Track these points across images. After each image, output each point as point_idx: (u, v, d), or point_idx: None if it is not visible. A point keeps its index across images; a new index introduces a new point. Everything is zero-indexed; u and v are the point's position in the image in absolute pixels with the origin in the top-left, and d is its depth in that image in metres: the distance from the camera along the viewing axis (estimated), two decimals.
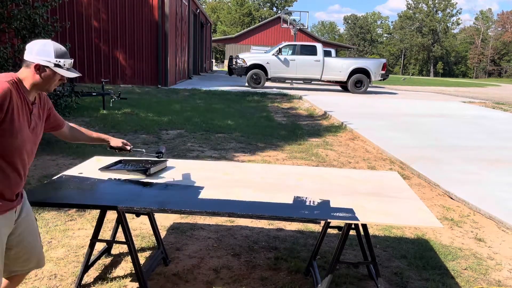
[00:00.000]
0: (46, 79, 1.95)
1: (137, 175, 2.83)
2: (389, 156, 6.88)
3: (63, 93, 6.96)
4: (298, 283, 2.94)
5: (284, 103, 14.21)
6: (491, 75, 75.24)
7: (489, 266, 3.38)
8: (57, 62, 1.94)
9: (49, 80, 1.97)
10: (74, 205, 2.33)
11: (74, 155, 5.95)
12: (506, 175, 5.85)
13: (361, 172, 3.37)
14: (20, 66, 2.15)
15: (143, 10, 16.33)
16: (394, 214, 2.36)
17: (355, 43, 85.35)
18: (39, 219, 3.79)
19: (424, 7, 79.11)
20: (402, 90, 23.24)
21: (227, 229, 3.85)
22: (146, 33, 16.46)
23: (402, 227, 3.98)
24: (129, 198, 2.47)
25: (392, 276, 3.12)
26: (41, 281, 2.83)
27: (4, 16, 6.50)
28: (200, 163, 3.49)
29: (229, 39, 45.28)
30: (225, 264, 3.18)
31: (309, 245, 3.56)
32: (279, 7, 72.36)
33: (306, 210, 2.38)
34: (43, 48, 1.93)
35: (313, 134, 8.74)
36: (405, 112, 12.72)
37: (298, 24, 29.66)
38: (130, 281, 2.89)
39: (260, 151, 6.87)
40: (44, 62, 1.92)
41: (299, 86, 21.24)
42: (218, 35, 62.75)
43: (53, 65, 1.94)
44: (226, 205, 2.43)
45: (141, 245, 3.42)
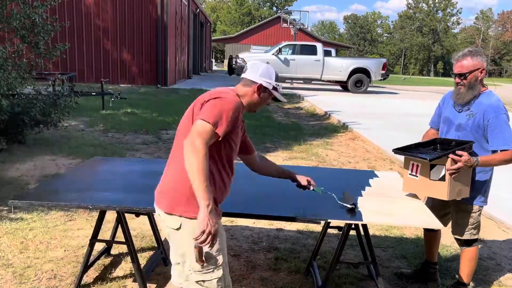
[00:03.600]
0: (262, 99, 2.07)
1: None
2: (389, 156, 6.88)
3: (63, 93, 6.95)
4: (298, 283, 2.94)
5: (284, 103, 14.20)
6: (492, 75, 75.22)
7: (489, 266, 3.38)
8: (276, 85, 2.09)
9: (264, 101, 2.09)
10: (74, 205, 2.33)
11: (73, 155, 5.94)
12: (507, 175, 5.84)
13: (361, 172, 3.37)
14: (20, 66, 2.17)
15: (143, 10, 16.33)
16: (394, 214, 2.36)
17: (355, 42, 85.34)
18: (39, 219, 3.79)
19: (424, 7, 79.13)
20: (402, 90, 23.24)
21: (227, 229, 3.84)
22: (146, 33, 16.46)
23: (402, 227, 3.97)
24: (129, 198, 2.46)
25: (392, 276, 3.11)
26: (41, 281, 2.83)
27: (3, 15, 6.49)
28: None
29: (229, 39, 45.28)
30: None
31: (309, 245, 3.55)
32: (279, 6, 72.35)
33: (306, 210, 2.37)
34: (267, 71, 2.08)
35: (313, 134, 8.74)
36: (406, 112, 12.71)
37: (298, 24, 29.65)
38: (130, 281, 2.88)
39: (260, 151, 6.86)
40: (267, 84, 2.05)
41: (299, 86, 21.24)
42: (218, 34, 62.73)
43: (271, 87, 2.07)
44: (226, 205, 2.42)
45: (141, 245, 3.41)
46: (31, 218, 3.80)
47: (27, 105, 6.20)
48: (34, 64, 7.43)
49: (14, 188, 4.51)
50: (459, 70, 2.55)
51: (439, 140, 2.71)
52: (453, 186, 2.44)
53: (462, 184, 2.48)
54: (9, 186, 4.57)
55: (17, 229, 3.57)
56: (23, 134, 6.34)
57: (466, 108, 2.61)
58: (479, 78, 2.54)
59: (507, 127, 2.49)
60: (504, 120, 2.50)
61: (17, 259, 3.09)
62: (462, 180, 2.47)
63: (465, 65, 2.52)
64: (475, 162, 2.44)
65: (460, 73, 2.55)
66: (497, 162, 2.51)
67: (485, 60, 2.56)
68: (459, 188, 2.48)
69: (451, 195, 2.46)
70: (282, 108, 13.11)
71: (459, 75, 2.56)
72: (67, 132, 7.34)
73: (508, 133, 2.48)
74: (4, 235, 3.45)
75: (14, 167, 5.26)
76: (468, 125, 2.58)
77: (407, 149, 2.66)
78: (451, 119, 2.70)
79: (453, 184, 2.43)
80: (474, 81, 2.53)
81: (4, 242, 3.33)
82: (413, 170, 2.58)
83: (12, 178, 4.83)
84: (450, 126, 2.70)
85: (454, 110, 2.69)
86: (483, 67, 2.53)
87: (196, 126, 1.81)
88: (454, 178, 2.42)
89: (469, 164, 2.41)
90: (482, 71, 2.53)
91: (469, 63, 2.52)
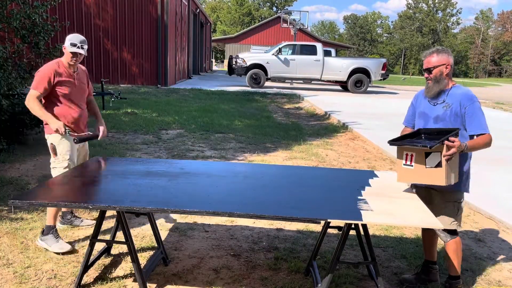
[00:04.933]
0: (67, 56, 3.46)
1: None
2: (389, 156, 6.88)
3: None
4: (298, 283, 2.94)
5: (284, 103, 14.21)
6: (491, 75, 75.24)
7: (489, 266, 3.38)
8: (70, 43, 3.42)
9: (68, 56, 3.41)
10: (74, 205, 2.33)
11: None
12: (507, 175, 5.85)
13: (361, 172, 3.37)
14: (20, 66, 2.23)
15: (143, 10, 16.33)
16: (394, 214, 2.36)
17: (355, 42, 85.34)
18: (39, 219, 3.79)
19: (424, 7, 79.15)
20: (402, 90, 23.24)
21: (227, 229, 3.84)
22: (146, 33, 16.45)
23: (402, 227, 3.98)
24: (129, 198, 2.47)
25: (392, 276, 3.11)
26: (41, 281, 2.83)
27: (3, 15, 6.49)
28: (200, 163, 3.49)
29: (229, 39, 45.26)
30: (225, 264, 3.18)
31: (309, 245, 3.55)
32: (279, 6, 72.35)
33: (306, 210, 2.38)
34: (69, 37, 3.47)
35: (313, 134, 8.74)
36: (405, 112, 12.70)
37: (298, 24, 29.66)
38: (130, 281, 2.88)
39: (260, 151, 6.86)
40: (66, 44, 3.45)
41: (299, 86, 21.24)
42: (218, 34, 62.73)
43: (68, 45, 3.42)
44: (226, 205, 2.43)
45: (141, 245, 3.41)
46: (31, 218, 3.81)
47: None
48: (34, 64, 7.43)
49: (14, 188, 4.51)
50: (426, 66, 2.80)
51: (423, 130, 2.84)
52: (448, 172, 2.54)
53: (454, 169, 2.61)
54: (9, 186, 4.57)
55: (17, 229, 3.57)
56: (23, 134, 6.34)
57: (441, 101, 2.80)
58: (444, 73, 2.76)
59: (481, 114, 2.71)
60: (479, 107, 2.72)
61: (17, 259, 3.10)
62: (453, 165, 2.60)
63: (431, 61, 2.77)
64: (465, 147, 2.60)
65: (427, 68, 2.79)
66: (481, 145, 2.69)
67: (451, 57, 2.79)
68: (452, 174, 2.59)
69: (448, 180, 2.55)
70: (282, 108, 13.11)
71: (426, 70, 2.80)
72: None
73: (483, 119, 2.70)
74: (4, 235, 3.45)
75: (14, 167, 5.26)
76: (447, 115, 2.76)
77: (397, 140, 2.75)
78: (427, 113, 2.87)
79: (448, 169, 2.54)
80: (439, 75, 2.76)
81: (4, 242, 3.33)
82: (407, 160, 2.62)
83: (12, 178, 4.83)
84: (427, 119, 2.87)
85: (429, 104, 2.87)
86: (448, 63, 2.76)
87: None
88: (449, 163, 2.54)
89: (461, 149, 2.57)
90: (447, 66, 2.76)
91: (434, 59, 2.76)
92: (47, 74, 3.26)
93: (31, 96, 3.24)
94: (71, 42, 3.37)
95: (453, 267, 2.87)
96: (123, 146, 6.67)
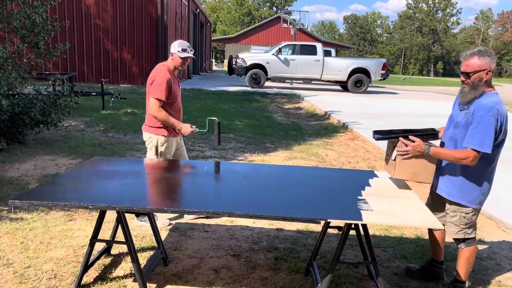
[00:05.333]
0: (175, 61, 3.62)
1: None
2: None
3: (63, 93, 6.95)
4: (298, 283, 2.94)
5: (284, 103, 14.21)
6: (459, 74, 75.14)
7: (489, 266, 3.38)
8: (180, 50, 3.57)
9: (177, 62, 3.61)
10: (74, 205, 2.33)
11: (73, 155, 5.94)
12: (506, 175, 5.85)
13: (361, 172, 3.37)
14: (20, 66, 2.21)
15: (143, 10, 16.33)
16: (394, 214, 2.36)
17: (355, 42, 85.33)
18: (39, 219, 3.79)
19: (424, 7, 79.13)
20: (402, 90, 23.24)
21: (227, 229, 3.85)
22: (146, 33, 16.46)
23: (402, 227, 3.98)
24: (129, 198, 2.47)
25: (392, 276, 3.11)
26: (41, 281, 2.83)
27: (3, 15, 6.49)
28: (200, 163, 3.49)
29: (229, 39, 45.26)
30: (225, 264, 3.18)
31: (309, 245, 3.55)
32: (279, 6, 72.34)
33: (306, 210, 2.38)
34: (174, 44, 3.62)
35: (313, 134, 8.74)
36: (406, 112, 12.72)
37: (298, 24, 29.65)
38: (130, 281, 2.88)
39: (260, 151, 6.86)
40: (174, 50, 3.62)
41: (299, 86, 21.24)
42: (218, 34, 62.72)
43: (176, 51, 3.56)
44: (226, 205, 2.43)
45: (141, 245, 3.41)
46: (31, 218, 3.81)
47: (27, 105, 6.21)
48: (34, 64, 7.44)
49: (14, 188, 4.51)
50: (465, 69, 2.55)
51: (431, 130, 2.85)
52: (403, 167, 2.68)
53: (418, 167, 2.67)
54: (9, 186, 4.57)
55: (17, 229, 3.57)
56: (23, 134, 6.34)
57: (466, 107, 2.61)
58: (483, 79, 2.51)
59: (485, 129, 2.45)
60: (490, 122, 2.45)
61: (17, 259, 3.10)
62: (418, 164, 2.66)
63: (471, 64, 2.51)
64: (425, 150, 2.58)
65: (465, 71, 2.54)
66: (448, 157, 2.58)
67: (494, 62, 2.52)
68: (414, 171, 2.69)
69: (400, 174, 2.71)
70: (282, 108, 13.11)
71: (464, 73, 2.56)
72: (67, 132, 7.34)
73: (486, 136, 2.45)
74: (4, 235, 3.45)
75: (14, 167, 5.26)
76: (462, 123, 2.59)
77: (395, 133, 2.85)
78: (453, 116, 2.74)
79: (403, 164, 2.68)
80: (478, 82, 2.51)
81: (4, 242, 3.33)
82: (388, 150, 2.95)
83: (12, 178, 4.83)
84: (451, 123, 2.74)
85: (457, 108, 2.71)
86: (489, 69, 2.50)
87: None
88: (407, 160, 2.65)
89: (419, 149, 2.58)
90: (488, 72, 2.50)
91: (475, 63, 2.50)
92: (167, 81, 3.46)
93: (155, 105, 3.45)
94: (182, 47, 3.52)
95: (461, 272, 2.82)
96: (123, 146, 6.67)
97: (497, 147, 2.58)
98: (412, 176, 2.70)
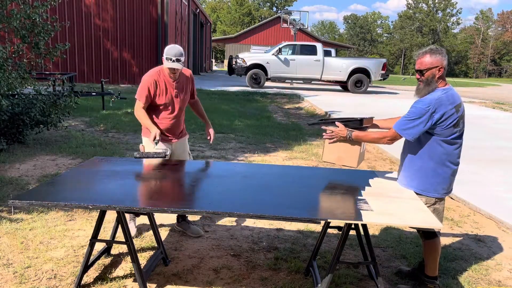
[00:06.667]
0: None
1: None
2: (389, 156, 6.88)
3: (63, 93, 6.96)
4: (298, 283, 2.94)
5: (284, 103, 14.21)
6: (492, 75, 75.22)
7: (489, 266, 3.38)
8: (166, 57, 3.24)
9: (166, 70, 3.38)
10: (74, 205, 2.33)
11: (73, 155, 5.95)
12: (506, 175, 5.85)
13: (361, 172, 3.37)
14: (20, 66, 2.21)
15: (143, 10, 16.33)
16: (394, 214, 2.36)
17: (355, 43, 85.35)
18: (39, 219, 3.79)
19: (424, 7, 79.13)
20: (402, 90, 23.24)
21: (227, 229, 3.85)
22: (146, 33, 16.46)
23: (402, 227, 3.98)
24: (129, 198, 2.46)
25: (392, 276, 3.11)
26: (41, 281, 2.83)
27: (3, 15, 6.49)
28: (199, 163, 3.49)
29: (229, 39, 45.28)
30: (225, 264, 3.18)
31: (309, 245, 3.55)
32: (279, 6, 72.35)
33: (306, 210, 2.38)
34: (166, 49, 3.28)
35: (313, 134, 8.74)
36: (405, 112, 12.69)
37: (298, 24, 29.65)
38: (130, 281, 2.88)
39: (260, 151, 6.86)
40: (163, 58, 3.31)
41: (299, 86, 21.24)
42: (218, 34, 62.73)
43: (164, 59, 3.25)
44: (226, 205, 2.43)
45: (141, 245, 3.41)
46: (31, 218, 3.81)
47: (27, 105, 6.21)
48: (34, 64, 7.44)
49: (14, 188, 4.51)
50: (418, 67, 2.68)
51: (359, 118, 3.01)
52: (329, 150, 2.93)
53: (343, 152, 2.89)
54: (9, 186, 4.57)
55: (17, 229, 3.57)
56: (23, 134, 6.34)
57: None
58: (436, 75, 2.64)
59: (414, 119, 2.61)
60: (419, 111, 2.60)
61: (17, 259, 3.10)
62: (343, 148, 2.89)
63: (424, 62, 2.65)
64: (347, 135, 2.80)
65: (419, 69, 2.68)
66: (369, 139, 2.81)
67: (445, 59, 2.65)
68: (339, 155, 2.91)
69: (327, 157, 2.95)
70: (282, 108, 13.11)
71: (418, 71, 2.69)
72: (67, 132, 7.34)
73: (410, 123, 2.62)
74: (4, 235, 3.45)
75: (14, 167, 5.26)
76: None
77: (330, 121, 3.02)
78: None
79: (329, 148, 2.92)
80: (431, 78, 2.65)
81: (4, 242, 3.33)
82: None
83: (12, 178, 4.83)
84: None
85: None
86: (441, 66, 2.63)
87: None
88: (332, 143, 2.89)
89: (342, 134, 2.81)
90: (440, 69, 2.63)
91: (427, 61, 2.64)
92: (146, 84, 3.35)
93: (136, 106, 3.45)
94: (166, 56, 3.21)
95: (427, 267, 2.86)
96: (123, 146, 6.67)
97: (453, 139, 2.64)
98: (338, 160, 2.92)
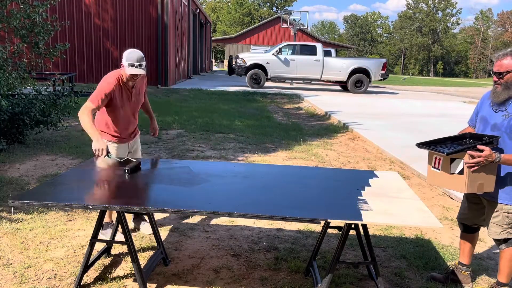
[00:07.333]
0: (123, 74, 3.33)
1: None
2: (389, 156, 6.88)
3: (63, 93, 6.95)
4: (298, 283, 2.94)
5: (284, 103, 14.21)
6: (491, 75, 75.18)
7: (489, 266, 3.38)
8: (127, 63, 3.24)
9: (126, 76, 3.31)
10: (74, 205, 2.33)
11: (73, 155, 5.95)
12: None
13: (361, 172, 3.37)
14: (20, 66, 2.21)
15: (143, 10, 16.33)
16: (394, 214, 2.36)
17: (355, 43, 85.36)
18: (39, 219, 3.79)
19: (424, 7, 79.12)
20: (402, 90, 23.24)
21: (227, 229, 3.85)
22: (146, 33, 16.45)
23: (402, 227, 3.98)
24: (129, 198, 2.46)
25: (392, 276, 3.11)
26: (41, 281, 2.83)
27: (3, 15, 6.49)
28: (199, 163, 3.49)
29: (229, 39, 45.27)
30: (225, 264, 3.18)
31: (309, 245, 3.55)
32: (279, 6, 72.35)
33: (306, 210, 2.37)
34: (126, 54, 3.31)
35: (313, 134, 8.74)
36: (405, 112, 12.71)
37: (298, 24, 29.65)
38: (130, 281, 2.88)
39: (260, 151, 6.86)
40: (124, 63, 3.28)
41: (299, 86, 21.25)
42: (218, 35, 62.72)
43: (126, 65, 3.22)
44: (226, 205, 2.43)
45: (141, 245, 3.41)
46: (31, 218, 3.81)
47: (27, 105, 6.21)
48: (34, 64, 7.44)
49: (14, 188, 4.51)
50: (497, 69, 2.55)
51: (468, 134, 2.72)
52: (472, 180, 2.48)
53: (484, 178, 2.51)
54: (9, 186, 4.57)
55: (17, 229, 3.57)
56: (23, 134, 6.34)
57: (503, 109, 2.59)
58: None
59: None
60: None
61: (17, 259, 3.10)
62: (484, 174, 2.50)
63: (504, 64, 2.52)
64: (496, 158, 2.45)
65: (498, 71, 2.54)
66: None
67: None
68: (480, 182, 2.51)
69: (470, 188, 2.50)
70: (282, 108, 13.11)
71: (497, 73, 2.55)
72: (67, 132, 7.34)
73: None
74: (4, 235, 3.45)
75: (14, 167, 5.26)
76: (503, 125, 2.56)
77: (434, 143, 2.69)
78: (487, 118, 2.69)
79: (472, 177, 2.47)
80: (511, 81, 2.52)
81: (4, 242, 3.33)
82: (435, 163, 2.65)
83: (12, 178, 4.83)
84: (486, 125, 2.70)
85: (491, 109, 2.68)
86: None
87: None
88: (474, 171, 2.46)
89: (490, 159, 2.43)
90: None
91: (508, 63, 2.51)
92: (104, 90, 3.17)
93: (86, 108, 3.11)
94: (128, 62, 3.18)
95: (504, 274, 2.76)
96: None
97: None
98: (479, 187, 2.53)
